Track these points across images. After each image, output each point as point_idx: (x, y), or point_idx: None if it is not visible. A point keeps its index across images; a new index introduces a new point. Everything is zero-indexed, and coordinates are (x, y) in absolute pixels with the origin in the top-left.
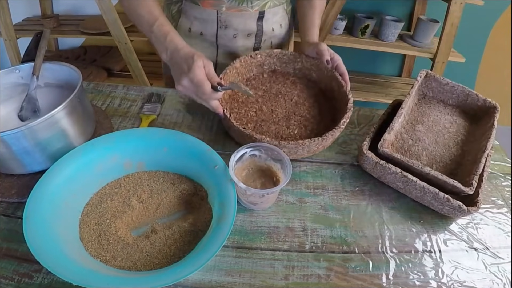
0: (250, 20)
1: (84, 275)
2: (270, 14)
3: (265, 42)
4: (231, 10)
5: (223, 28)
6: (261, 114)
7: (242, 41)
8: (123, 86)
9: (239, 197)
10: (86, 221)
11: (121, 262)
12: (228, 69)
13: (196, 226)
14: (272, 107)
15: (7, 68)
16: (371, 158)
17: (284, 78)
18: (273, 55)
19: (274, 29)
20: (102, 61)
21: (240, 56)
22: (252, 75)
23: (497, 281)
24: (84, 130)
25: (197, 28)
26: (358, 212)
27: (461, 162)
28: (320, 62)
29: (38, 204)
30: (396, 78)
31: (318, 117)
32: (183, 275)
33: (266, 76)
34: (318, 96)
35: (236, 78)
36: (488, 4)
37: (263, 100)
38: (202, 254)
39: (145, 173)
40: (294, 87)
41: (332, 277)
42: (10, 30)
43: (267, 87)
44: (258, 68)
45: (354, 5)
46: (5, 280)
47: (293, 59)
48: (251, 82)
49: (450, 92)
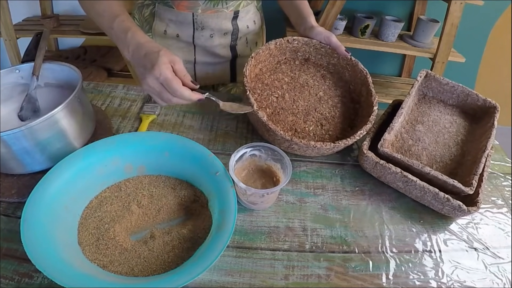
0: (225, 20)
1: (80, 280)
2: (243, 13)
3: (240, 39)
4: (207, 12)
5: (200, 29)
6: (282, 102)
7: (219, 40)
8: (123, 86)
9: (239, 197)
10: (84, 224)
11: (119, 267)
12: (261, 49)
13: (195, 233)
14: (295, 97)
15: (7, 68)
16: (371, 158)
17: (315, 70)
18: (311, 44)
19: (249, 26)
20: (102, 61)
21: (277, 39)
22: (284, 58)
23: (497, 281)
24: (84, 130)
25: (172, 31)
26: (358, 212)
27: (461, 162)
28: (355, 63)
29: (36, 207)
30: (396, 78)
31: (338, 119)
32: (180, 283)
33: (297, 63)
34: (344, 97)
35: (268, 59)
36: (488, 4)
37: (288, 87)
38: (200, 262)
39: (146, 177)
40: (322, 81)
41: (332, 277)
42: (10, 30)
43: (295, 75)
44: (291, 53)
45: (354, 5)
46: (5, 280)
47: (331, 53)
48: (281, 66)
49: (450, 92)
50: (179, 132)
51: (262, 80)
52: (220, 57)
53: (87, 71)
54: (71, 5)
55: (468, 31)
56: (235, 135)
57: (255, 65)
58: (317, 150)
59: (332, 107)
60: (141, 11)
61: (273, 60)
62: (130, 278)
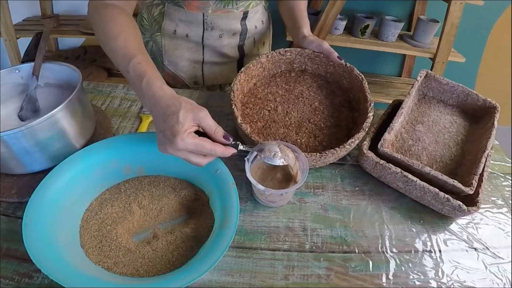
0: (235, 20)
1: (86, 282)
2: (252, 13)
3: (248, 39)
4: (217, 12)
5: (210, 29)
6: (274, 115)
7: (228, 40)
8: (123, 86)
9: (258, 197)
10: (86, 227)
11: (123, 268)
12: (252, 63)
13: (198, 231)
14: (288, 109)
15: (7, 68)
16: (371, 158)
17: (311, 80)
18: (304, 54)
19: (257, 26)
20: (102, 61)
21: (268, 52)
22: (280, 71)
23: (497, 281)
24: (84, 130)
25: (182, 31)
26: (358, 212)
27: (461, 162)
28: (351, 69)
29: (37, 211)
30: (396, 78)
31: (334, 129)
32: (186, 282)
33: (293, 75)
34: (343, 106)
35: (262, 73)
36: (488, 4)
37: (282, 100)
38: (205, 260)
39: (145, 177)
40: (319, 91)
41: (332, 277)
42: (10, 30)
43: (290, 87)
44: (287, 65)
45: (354, 5)
46: (5, 280)
47: (326, 62)
48: (276, 79)
49: (450, 92)
50: None
51: (255, 95)
52: (228, 57)
53: (87, 71)
54: (71, 5)
55: (468, 31)
56: (235, 135)
57: (247, 80)
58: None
59: (328, 117)
60: (150, 11)
61: (268, 74)
62: (136, 279)
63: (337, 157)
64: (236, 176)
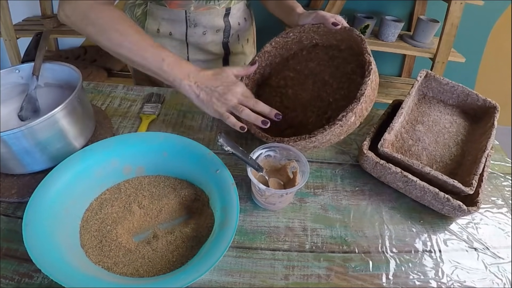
0: (217, 17)
1: (86, 282)
2: (235, 9)
3: (232, 36)
4: (199, 9)
5: (193, 26)
6: (285, 100)
7: (212, 37)
8: (123, 86)
9: (257, 199)
10: (86, 227)
11: (123, 268)
12: (258, 55)
13: (199, 231)
14: (298, 91)
15: (7, 68)
16: (371, 158)
17: (323, 53)
18: (307, 29)
19: (240, 23)
20: (102, 61)
21: (271, 39)
22: (292, 53)
23: (497, 281)
24: (84, 130)
25: (165, 29)
26: (358, 212)
27: (461, 162)
28: (351, 31)
29: (37, 211)
30: (396, 78)
31: (342, 101)
32: (186, 282)
33: (305, 53)
34: (354, 73)
35: (274, 60)
36: (488, 4)
37: (292, 83)
38: (206, 260)
39: (145, 177)
40: (330, 62)
41: (332, 277)
42: (10, 30)
43: (302, 67)
44: (297, 45)
45: (354, 5)
46: (5, 280)
47: (328, 31)
48: (289, 62)
49: (450, 92)
50: (179, 132)
51: (269, 84)
52: (212, 54)
53: (87, 71)
54: None
55: (468, 31)
56: (235, 135)
57: (260, 72)
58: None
59: (338, 89)
60: (132, 11)
61: (281, 59)
62: (136, 279)
63: (327, 139)
64: (236, 176)
